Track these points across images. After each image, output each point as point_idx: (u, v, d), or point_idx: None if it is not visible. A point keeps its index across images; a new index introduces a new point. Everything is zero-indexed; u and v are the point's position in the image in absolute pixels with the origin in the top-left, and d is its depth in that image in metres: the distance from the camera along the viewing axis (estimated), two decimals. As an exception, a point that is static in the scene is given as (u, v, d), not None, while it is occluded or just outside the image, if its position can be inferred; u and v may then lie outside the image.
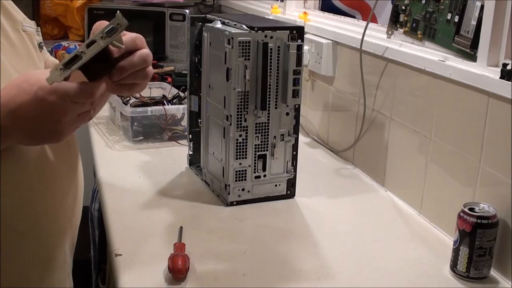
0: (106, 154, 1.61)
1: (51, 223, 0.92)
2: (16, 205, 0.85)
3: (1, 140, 0.78)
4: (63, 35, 2.73)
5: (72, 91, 0.77)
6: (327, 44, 1.66)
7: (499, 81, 1.03)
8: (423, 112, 1.28)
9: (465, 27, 1.16)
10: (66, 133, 0.81)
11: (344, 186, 1.47)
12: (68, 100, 0.77)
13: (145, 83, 0.90)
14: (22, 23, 0.94)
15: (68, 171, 0.97)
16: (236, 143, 1.28)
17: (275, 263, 1.09)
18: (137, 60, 0.84)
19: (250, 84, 1.25)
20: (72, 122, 0.81)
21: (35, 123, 0.78)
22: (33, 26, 0.97)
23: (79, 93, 0.77)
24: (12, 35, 0.90)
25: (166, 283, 1.01)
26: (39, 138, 0.81)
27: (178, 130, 1.74)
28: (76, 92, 0.77)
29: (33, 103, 0.76)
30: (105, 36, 0.77)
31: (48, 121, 0.78)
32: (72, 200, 0.98)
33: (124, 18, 0.77)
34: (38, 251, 0.91)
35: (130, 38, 0.84)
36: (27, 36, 0.94)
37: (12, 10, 0.93)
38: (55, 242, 0.94)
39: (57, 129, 0.79)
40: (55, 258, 0.95)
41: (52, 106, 0.77)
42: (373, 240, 1.19)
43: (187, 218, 1.25)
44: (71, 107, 0.78)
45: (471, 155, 1.13)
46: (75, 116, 0.80)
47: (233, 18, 1.35)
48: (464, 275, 1.05)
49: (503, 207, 1.04)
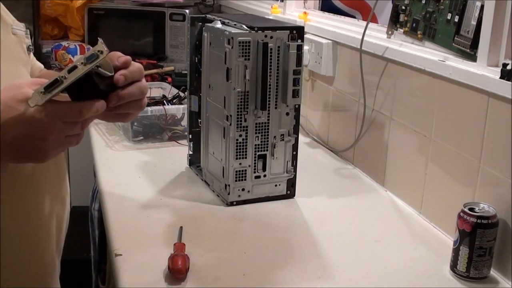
0: (106, 154, 1.61)
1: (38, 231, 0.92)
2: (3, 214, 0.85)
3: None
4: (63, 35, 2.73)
5: (61, 109, 0.77)
6: (327, 44, 1.66)
7: (499, 81, 1.03)
8: (423, 112, 1.28)
9: (465, 27, 1.16)
10: (51, 154, 0.80)
11: (344, 186, 1.47)
12: (56, 119, 0.76)
13: (138, 113, 0.91)
14: (12, 26, 0.93)
15: (55, 179, 0.97)
16: (236, 143, 1.28)
17: (275, 263, 1.09)
18: (136, 90, 0.85)
19: (250, 84, 1.25)
20: (59, 143, 0.79)
21: (21, 140, 0.77)
22: (22, 29, 0.96)
23: (68, 111, 0.77)
24: (2, 37, 0.89)
25: (166, 283, 1.00)
26: (23, 156, 0.80)
27: (178, 130, 1.74)
28: (66, 111, 0.77)
29: (20, 121, 0.75)
30: (85, 62, 0.76)
31: (35, 139, 0.77)
32: (60, 207, 0.98)
33: (105, 45, 0.77)
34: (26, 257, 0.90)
35: (138, 68, 0.85)
36: (17, 39, 0.94)
37: (2, 12, 0.92)
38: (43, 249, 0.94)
39: (43, 148, 0.78)
40: (43, 264, 0.95)
41: (40, 124, 0.76)
42: (373, 240, 1.19)
43: (187, 218, 1.25)
44: (59, 127, 0.77)
45: (471, 155, 1.13)
46: (62, 137, 0.79)
47: (233, 18, 1.35)
48: (464, 275, 1.05)
49: (503, 207, 1.04)
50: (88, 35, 2.55)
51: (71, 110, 0.78)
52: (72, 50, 2.40)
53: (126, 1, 2.61)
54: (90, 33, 2.54)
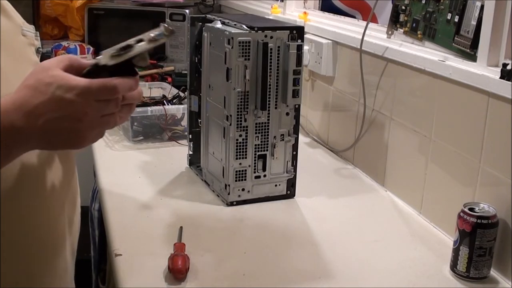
0: (106, 154, 1.61)
1: (49, 234, 0.91)
2: (12, 218, 0.83)
3: (19, 144, 0.74)
4: (63, 35, 2.73)
5: (93, 86, 0.73)
6: (327, 44, 1.66)
7: (499, 81, 1.03)
8: (423, 112, 1.28)
9: (465, 27, 1.16)
10: (88, 137, 0.76)
11: (344, 186, 1.47)
12: (88, 97, 0.73)
13: (127, 118, 0.87)
14: (22, 27, 0.93)
15: (65, 180, 0.95)
16: (236, 143, 1.28)
17: (275, 263, 1.09)
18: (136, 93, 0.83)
19: (250, 84, 1.25)
20: (95, 124, 0.75)
21: (53, 123, 0.72)
22: (32, 31, 0.95)
23: (102, 88, 0.73)
24: (13, 38, 0.88)
25: (166, 283, 1.01)
26: (59, 141, 0.76)
27: (178, 130, 1.74)
28: (99, 87, 0.73)
29: (51, 103, 0.72)
30: (153, 38, 0.75)
31: (68, 121, 0.73)
32: (70, 208, 0.97)
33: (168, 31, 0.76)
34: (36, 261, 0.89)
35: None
36: (27, 41, 0.93)
37: (12, 13, 0.91)
38: (54, 252, 0.93)
39: (78, 129, 0.74)
40: (55, 267, 0.94)
41: (71, 104, 0.72)
42: (373, 240, 1.19)
43: (187, 218, 1.25)
44: (93, 105, 0.73)
45: (471, 155, 1.13)
46: (97, 117, 0.75)
47: (233, 18, 1.35)
48: (464, 275, 1.05)
49: (503, 207, 1.04)
50: (88, 35, 2.55)
51: (105, 87, 0.74)
52: (72, 50, 2.40)
53: (126, 1, 2.61)
54: (90, 33, 2.54)
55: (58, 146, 0.79)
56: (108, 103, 0.76)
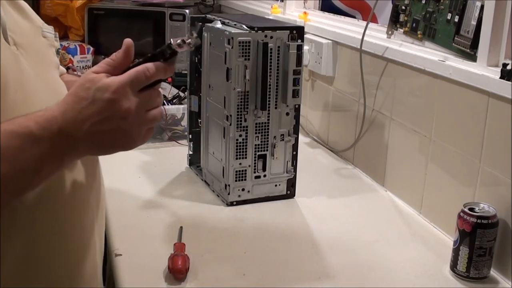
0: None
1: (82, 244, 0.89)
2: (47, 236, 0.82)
3: (69, 151, 0.74)
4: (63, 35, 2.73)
5: (126, 77, 0.73)
6: (327, 44, 1.66)
7: (499, 81, 1.03)
8: (423, 112, 1.28)
9: (465, 27, 1.16)
10: (136, 135, 0.76)
11: (344, 186, 1.47)
12: (126, 91, 0.73)
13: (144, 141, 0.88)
14: (42, 29, 0.93)
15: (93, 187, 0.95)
16: (236, 143, 1.28)
17: (275, 263, 1.09)
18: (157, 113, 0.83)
19: (250, 84, 1.25)
20: (141, 121, 0.75)
21: (99, 126, 0.73)
22: (52, 32, 0.95)
23: (134, 74, 0.74)
24: (34, 40, 0.88)
25: (166, 283, 1.01)
26: (107, 143, 0.76)
27: (178, 130, 1.74)
28: (130, 75, 0.74)
29: (93, 106, 0.72)
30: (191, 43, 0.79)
31: (112, 121, 0.73)
32: (100, 218, 0.96)
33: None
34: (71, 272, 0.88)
35: None
36: (47, 42, 0.93)
37: (32, 15, 0.91)
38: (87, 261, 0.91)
39: (124, 128, 0.74)
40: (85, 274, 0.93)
41: (111, 103, 0.72)
42: (373, 240, 1.19)
43: (187, 218, 1.25)
44: (132, 100, 0.73)
45: (471, 155, 1.13)
46: (142, 113, 0.75)
47: (233, 18, 1.35)
48: (464, 275, 1.05)
49: (503, 207, 1.04)
50: (88, 35, 2.54)
51: (137, 71, 0.74)
52: (72, 50, 2.40)
53: (126, 1, 2.61)
54: (90, 33, 2.54)
55: (108, 149, 0.78)
56: (149, 96, 0.76)
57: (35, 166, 0.72)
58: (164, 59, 0.78)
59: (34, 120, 0.72)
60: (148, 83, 0.76)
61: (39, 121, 0.72)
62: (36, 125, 0.71)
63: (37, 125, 0.71)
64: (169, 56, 0.78)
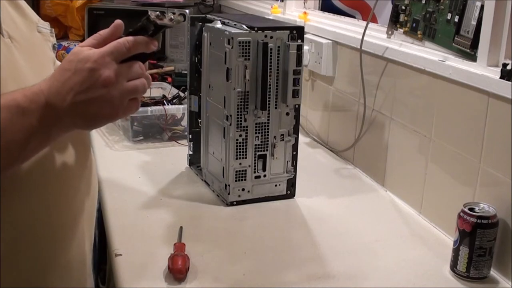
0: (106, 154, 1.61)
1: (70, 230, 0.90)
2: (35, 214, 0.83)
3: (56, 123, 0.75)
4: (63, 35, 2.73)
5: (106, 48, 0.75)
6: (327, 44, 1.66)
7: (499, 81, 1.03)
8: (423, 112, 1.28)
9: (465, 27, 1.16)
10: (119, 104, 0.76)
11: (344, 186, 1.47)
12: (106, 60, 0.74)
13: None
14: (37, 24, 0.93)
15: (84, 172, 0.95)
16: (236, 143, 1.28)
17: (275, 263, 1.09)
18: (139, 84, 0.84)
19: (250, 84, 1.25)
20: (123, 90, 0.76)
21: (82, 96, 0.74)
22: (47, 28, 0.96)
23: (114, 46, 0.75)
24: (29, 35, 0.89)
25: (166, 283, 1.01)
26: (91, 114, 0.76)
27: (178, 130, 1.74)
28: (111, 46, 0.75)
29: (75, 77, 0.74)
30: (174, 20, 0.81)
31: (94, 89, 0.74)
32: (90, 205, 0.97)
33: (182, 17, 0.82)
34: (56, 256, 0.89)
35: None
36: (43, 37, 0.94)
37: (28, 11, 0.92)
38: (73, 246, 0.92)
39: (107, 97, 0.75)
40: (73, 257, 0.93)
41: (92, 72, 0.74)
42: (373, 240, 1.19)
43: (187, 218, 1.25)
44: (112, 68, 0.75)
45: (471, 155, 1.13)
46: (123, 82, 0.76)
47: (233, 18, 1.35)
48: (464, 275, 1.05)
49: (503, 207, 1.04)
50: (88, 35, 2.54)
51: (118, 43, 0.76)
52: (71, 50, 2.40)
53: (126, 1, 2.61)
54: (90, 33, 2.53)
55: (92, 119, 0.78)
56: (130, 66, 0.77)
57: (23, 138, 0.74)
58: (150, 35, 0.80)
59: (22, 93, 0.74)
60: (130, 54, 0.77)
61: (27, 94, 0.74)
62: (24, 98, 0.73)
63: (24, 98, 0.73)
64: (153, 31, 0.80)
